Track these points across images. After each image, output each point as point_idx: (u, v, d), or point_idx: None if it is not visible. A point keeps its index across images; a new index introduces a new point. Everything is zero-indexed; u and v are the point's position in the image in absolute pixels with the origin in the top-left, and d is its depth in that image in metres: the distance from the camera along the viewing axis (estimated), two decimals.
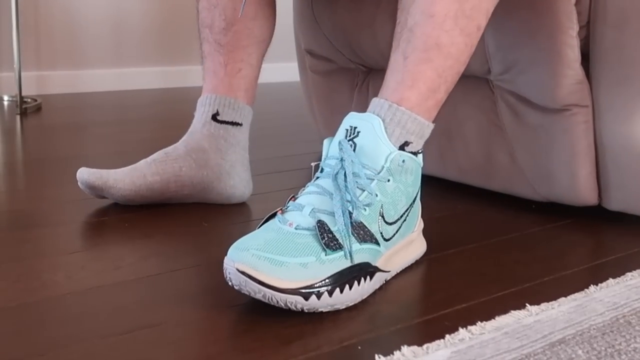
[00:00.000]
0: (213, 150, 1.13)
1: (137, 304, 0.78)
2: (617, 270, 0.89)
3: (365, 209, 0.80)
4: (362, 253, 0.78)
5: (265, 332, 0.72)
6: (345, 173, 0.80)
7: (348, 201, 0.79)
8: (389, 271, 0.84)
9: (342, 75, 1.43)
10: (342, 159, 0.81)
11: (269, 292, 0.72)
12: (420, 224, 0.92)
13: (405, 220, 0.86)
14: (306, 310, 0.74)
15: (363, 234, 0.79)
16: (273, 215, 0.83)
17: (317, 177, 0.84)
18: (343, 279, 0.75)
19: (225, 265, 0.75)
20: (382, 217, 0.82)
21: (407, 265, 0.89)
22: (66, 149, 1.63)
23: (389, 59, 0.87)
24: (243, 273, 0.72)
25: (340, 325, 0.74)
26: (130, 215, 1.09)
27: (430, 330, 0.72)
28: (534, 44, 1.05)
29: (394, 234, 0.84)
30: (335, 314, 0.76)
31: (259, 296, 0.73)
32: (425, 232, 0.94)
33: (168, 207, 1.13)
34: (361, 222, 0.79)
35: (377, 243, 0.81)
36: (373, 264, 0.80)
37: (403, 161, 0.83)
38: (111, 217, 1.08)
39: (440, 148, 1.25)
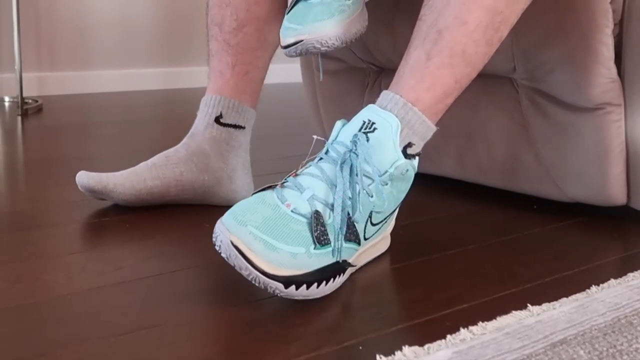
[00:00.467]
0: (215, 154, 1.13)
1: (137, 305, 0.78)
2: (619, 270, 0.89)
3: (360, 209, 0.80)
4: (344, 251, 0.80)
5: (266, 332, 0.71)
6: (351, 167, 0.80)
7: (349, 198, 0.79)
8: (355, 265, 0.86)
9: (351, 75, 1.42)
10: (352, 152, 0.81)
11: (255, 272, 0.73)
12: (392, 223, 0.94)
13: (386, 221, 0.88)
14: (281, 296, 0.76)
15: (350, 233, 0.80)
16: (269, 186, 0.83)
17: (321, 158, 0.83)
18: (323, 274, 0.77)
19: (217, 231, 0.75)
20: (370, 218, 0.83)
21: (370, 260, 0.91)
22: (67, 150, 1.63)
23: (405, 53, 0.86)
24: (236, 248, 0.73)
25: (341, 325, 0.74)
26: (130, 217, 1.09)
27: (432, 331, 0.72)
28: (568, 41, 1.03)
29: (373, 234, 0.87)
30: (336, 314, 0.76)
31: (243, 272, 0.74)
32: (426, 233, 0.94)
33: (169, 208, 1.13)
34: (353, 222, 0.80)
35: (358, 243, 0.82)
36: (348, 260, 0.82)
37: (407, 171, 0.83)
38: (112, 218, 1.08)
39: (460, 148, 1.23)
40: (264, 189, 0.82)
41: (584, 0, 1.02)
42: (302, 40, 0.96)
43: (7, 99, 2.39)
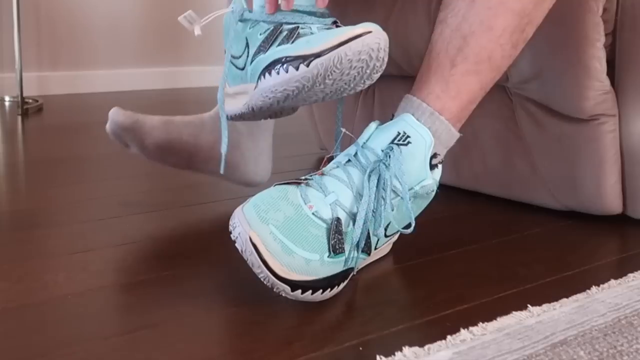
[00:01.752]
0: (246, 134, 1.10)
1: (138, 305, 0.78)
2: (619, 271, 0.89)
3: (382, 223, 0.79)
4: (355, 261, 0.79)
5: (267, 332, 0.71)
6: (379, 179, 0.78)
7: (373, 211, 0.78)
8: (358, 268, 0.86)
9: None
10: (383, 162, 0.79)
11: (266, 272, 0.73)
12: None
13: (397, 232, 0.87)
14: (286, 297, 0.75)
15: (364, 245, 0.80)
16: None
17: (349, 160, 0.81)
18: (331, 282, 0.77)
19: (237, 221, 0.75)
20: (385, 230, 0.82)
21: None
22: (67, 150, 1.63)
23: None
24: (254, 245, 0.73)
25: (341, 326, 0.74)
26: (131, 217, 1.09)
27: (432, 331, 0.72)
28: (561, 55, 1.04)
29: (384, 244, 0.87)
30: (337, 315, 0.76)
31: (255, 269, 0.74)
32: (426, 233, 0.94)
33: (170, 207, 1.13)
34: (370, 235, 0.80)
35: (369, 253, 0.82)
36: (354, 267, 0.81)
37: (432, 191, 0.83)
38: (112, 218, 1.08)
39: (454, 157, 1.22)
40: (287, 183, 0.80)
41: (575, 15, 1.02)
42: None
43: (7, 98, 2.39)
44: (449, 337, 0.69)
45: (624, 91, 1.04)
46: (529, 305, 0.77)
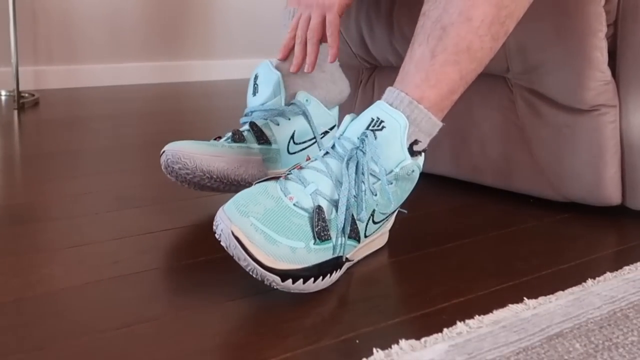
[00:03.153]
0: (309, 76, 1.12)
1: (134, 299, 0.78)
2: (615, 263, 0.89)
3: (364, 208, 0.80)
4: (343, 247, 0.80)
5: (263, 326, 0.72)
6: (357, 165, 0.79)
7: (354, 197, 0.79)
8: (352, 260, 0.86)
9: (344, 72, 1.42)
10: (359, 149, 0.80)
11: (253, 264, 0.73)
12: (392, 220, 0.94)
13: (387, 219, 0.88)
14: (278, 290, 0.76)
15: (351, 231, 0.80)
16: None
17: (327, 152, 0.83)
18: (321, 270, 0.77)
19: (219, 219, 0.75)
20: (372, 216, 0.83)
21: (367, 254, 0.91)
22: (63, 144, 1.63)
23: (408, 48, 0.86)
24: (236, 238, 0.73)
25: (338, 319, 0.74)
26: (127, 211, 1.09)
27: (428, 324, 0.72)
28: (562, 46, 1.04)
29: (374, 232, 0.86)
30: (333, 308, 0.77)
31: (241, 263, 0.74)
32: (422, 227, 0.94)
33: (166, 201, 1.13)
34: (356, 220, 0.80)
35: (358, 240, 0.83)
36: (347, 256, 0.82)
37: (412, 171, 0.83)
38: (108, 212, 1.08)
39: (454, 148, 1.23)
40: (267, 180, 0.82)
41: (578, 5, 1.02)
42: (164, 151, 1.02)
43: (3, 92, 2.39)
44: (445, 329, 0.70)
45: (625, 82, 1.04)
46: (525, 298, 0.77)
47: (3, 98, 2.36)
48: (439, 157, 1.25)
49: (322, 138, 1.12)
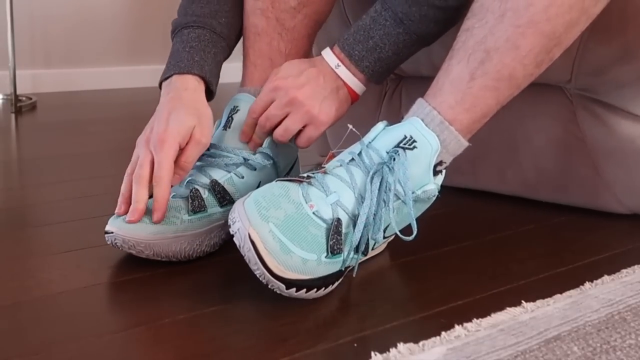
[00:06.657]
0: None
1: (132, 303, 0.77)
2: (612, 267, 0.89)
3: (381, 227, 0.79)
4: (351, 261, 0.79)
5: (261, 329, 0.72)
6: (382, 182, 0.77)
7: (374, 215, 0.78)
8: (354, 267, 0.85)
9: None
10: (387, 165, 0.78)
11: (263, 269, 0.73)
12: None
13: (395, 234, 0.86)
14: (280, 294, 0.75)
15: (363, 247, 0.79)
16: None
17: (352, 159, 0.81)
18: (326, 282, 0.77)
19: (237, 215, 0.75)
20: (384, 232, 0.82)
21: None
22: (61, 147, 1.63)
23: (443, 62, 0.82)
24: (252, 242, 0.73)
25: (336, 322, 0.74)
26: None
27: (426, 328, 0.72)
28: (637, 57, 0.98)
29: (381, 244, 0.87)
30: (331, 311, 0.76)
31: (251, 266, 0.74)
32: (421, 230, 0.94)
33: None
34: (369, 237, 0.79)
35: (366, 254, 0.82)
36: (351, 266, 0.81)
37: (433, 196, 0.82)
38: (106, 216, 1.08)
39: (500, 161, 1.17)
40: (289, 180, 0.80)
41: None
42: (112, 232, 0.86)
43: (0, 96, 2.38)
44: (443, 333, 0.70)
45: None
46: (522, 301, 0.77)
47: (0, 102, 2.36)
48: (483, 172, 1.20)
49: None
